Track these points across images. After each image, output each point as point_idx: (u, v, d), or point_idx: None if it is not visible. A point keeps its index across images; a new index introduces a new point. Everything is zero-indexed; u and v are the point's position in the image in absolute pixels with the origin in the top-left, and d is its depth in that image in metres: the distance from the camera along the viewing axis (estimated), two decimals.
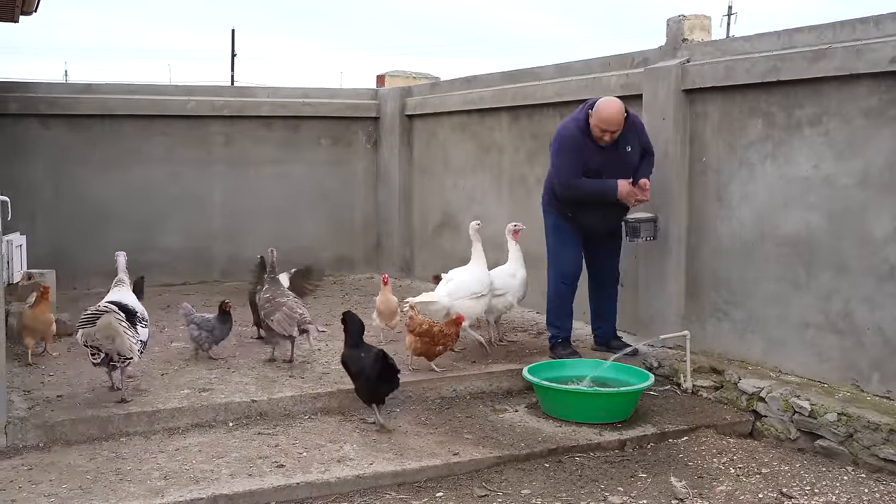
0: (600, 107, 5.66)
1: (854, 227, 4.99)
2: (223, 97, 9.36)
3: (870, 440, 4.54)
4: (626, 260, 6.26)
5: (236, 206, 9.25)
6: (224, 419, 4.96)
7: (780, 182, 5.41)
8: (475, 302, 5.93)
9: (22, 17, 7.94)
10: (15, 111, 8.46)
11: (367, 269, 9.74)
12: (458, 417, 5.16)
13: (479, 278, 6.00)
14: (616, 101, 5.71)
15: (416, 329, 5.52)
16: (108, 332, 4.78)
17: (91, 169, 8.72)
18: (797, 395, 4.97)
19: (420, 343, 5.52)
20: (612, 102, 5.68)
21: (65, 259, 8.22)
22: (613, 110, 5.63)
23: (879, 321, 4.87)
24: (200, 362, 5.86)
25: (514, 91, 7.74)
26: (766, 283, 5.51)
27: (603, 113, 5.62)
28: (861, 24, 4.95)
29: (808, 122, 5.24)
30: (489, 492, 4.24)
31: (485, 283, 5.98)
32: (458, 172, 8.71)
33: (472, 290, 5.95)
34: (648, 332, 6.09)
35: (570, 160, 5.77)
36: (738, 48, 5.72)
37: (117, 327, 4.80)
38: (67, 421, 4.68)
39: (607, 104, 5.66)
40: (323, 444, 4.64)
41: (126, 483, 4.10)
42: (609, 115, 5.61)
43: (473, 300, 5.93)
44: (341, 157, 9.70)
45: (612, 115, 5.61)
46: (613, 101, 5.69)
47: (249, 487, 4.07)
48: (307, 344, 5.84)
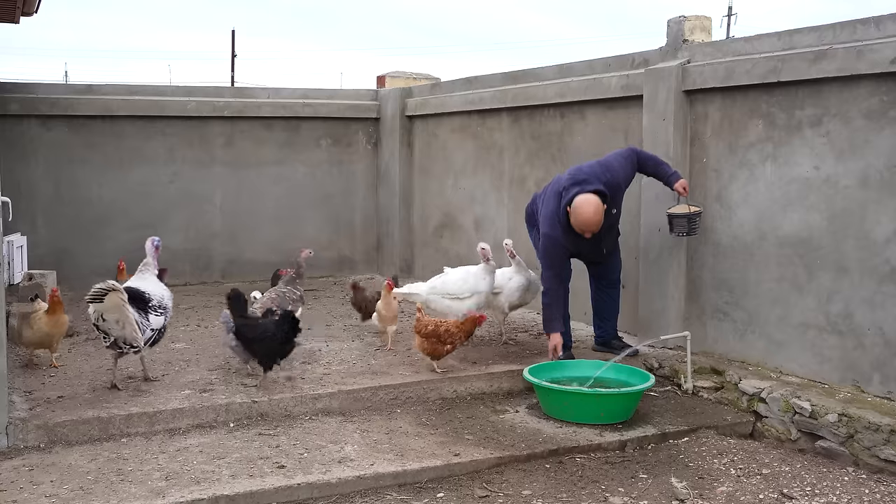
0: (578, 211, 5.47)
1: (855, 228, 4.99)
2: (223, 98, 9.37)
3: (870, 441, 4.54)
4: (627, 260, 6.26)
5: (236, 206, 9.25)
6: (225, 420, 4.96)
7: (780, 183, 5.41)
8: (450, 302, 5.94)
9: (22, 18, 7.96)
10: (16, 112, 8.47)
11: (368, 269, 9.74)
12: (459, 418, 5.17)
13: (457, 282, 6.01)
14: (592, 202, 5.45)
15: (422, 330, 5.53)
16: (114, 315, 4.83)
17: (91, 170, 8.73)
18: (798, 395, 4.97)
19: (427, 343, 5.53)
20: (588, 206, 5.44)
21: (65, 260, 8.24)
22: (590, 213, 5.44)
23: (880, 322, 4.87)
24: (201, 364, 5.86)
25: (515, 92, 7.74)
26: (766, 283, 5.51)
27: (581, 217, 5.47)
28: (861, 25, 4.95)
29: (808, 123, 5.24)
30: (490, 492, 4.24)
31: (463, 289, 5.96)
32: (458, 173, 8.72)
33: (447, 291, 5.98)
34: (649, 332, 6.09)
35: (557, 257, 5.77)
36: (738, 49, 5.72)
37: (123, 310, 4.83)
38: (68, 422, 4.68)
39: (584, 209, 5.44)
40: (324, 445, 4.64)
41: (127, 484, 4.10)
42: (587, 220, 5.47)
43: (449, 300, 5.94)
44: (342, 158, 9.70)
45: (590, 218, 5.46)
46: (590, 205, 5.45)
47: (250, 488, 4.07)
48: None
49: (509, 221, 7.87)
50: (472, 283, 6.00)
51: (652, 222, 6.10)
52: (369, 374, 5.62)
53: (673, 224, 5.74)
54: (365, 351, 6.23)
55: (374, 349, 6.27)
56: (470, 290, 5.98)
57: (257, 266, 8.99)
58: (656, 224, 6.08)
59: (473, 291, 5.98)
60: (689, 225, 5.69)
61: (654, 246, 6.14)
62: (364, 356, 6.08)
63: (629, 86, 6.42)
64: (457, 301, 5.98)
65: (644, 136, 6.23)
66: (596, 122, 6.89)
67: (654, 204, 6.09)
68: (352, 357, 6.05)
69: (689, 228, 5.71)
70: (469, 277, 6.04)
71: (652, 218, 6.09)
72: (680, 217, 5.70)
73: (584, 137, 7.01)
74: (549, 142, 7.39)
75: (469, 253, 8.40)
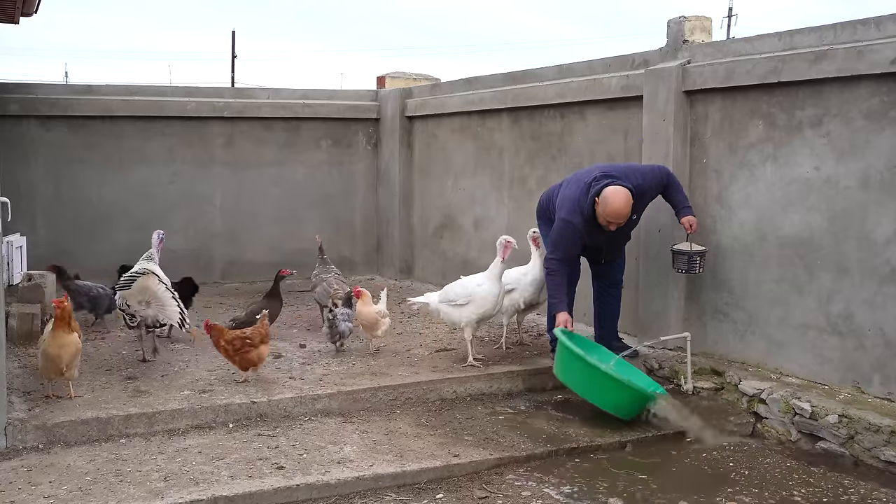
0: (608, 200, 5.40)
1: (855, 229, 4.99)
2: (223, 98, 9.37)
3: (871, 442, 4.53)
4: (628, 261, 6.24)
5: (236, 207, 9.25)
6: (224, 420, 4.95)
7: (780, 183, 5.40)
8: (452, 309, 5.89)
9: (22, 18, 7.95)
10: (15, 112, 8.47)
11: (368, 270, 9.74)
12: (459, 419, 5.16)
13: (457, 289, 5.95)
14: (623, 193, 5.42)
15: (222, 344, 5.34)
16: (142, 296, 5.00)
17: (91, 170, 8.73)
18: (798, 396, 4.96)
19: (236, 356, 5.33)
20: (620, 196, 5.40)
21: (65, 260, 8.17)
22: (621, 204, 5.39)
23: (881, 323, 4.86)
24: (200, 365, 5.85)
25: (515, 92, 7.73)
26: (766, 284, 5.50)
27: (610, 207, 5.40)
28: (862, 26, 4.94)
29: (809, 124, 5.23)
30: (489, 493, 4.23)
31: (462, 295, 5.86)
32: (458, 174, 8.71)
33: (448, 298, 5.93)
34: (649, 333, 6.08)
35: (570, 246, 5.66)
36: (738, 49, 5.72)
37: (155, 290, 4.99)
38: (67, 422, 4.67)
39: (615, 198, 5.40)
40: (323, 446, 4.63)
41: (126, 484, 4.09)
42: (617, 210, 5.40)
43: (451, 307, 5.89)
44: (342, 159, 9.70)
45: (620, 209, 5.40)
46: (621, 195, 5.41)
47: (249, 489, 4.07)
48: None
49: (509, 222, 7.86)
50: (470, 289, 5.91)
51: (652, 223, 6.09)
52: (369, 375, 5.61)
53: (674, 260, 5.74)
54: (364, 352, 6.22)
55: (373, 350, 6.26)
56: (466, 297, 5.87)
57: (257, 266, 8.99)
58: (656, 225, 6.07)
59: (469, 298, 5.86)
60: (688, 263, 5.68)
61: (655, 246, 6.13)
62: (363, 357, 6.07)
63: (629, 86, 6.41)
64: (456, 308, 5.90)
65: (644, 136, 6.23)
66: (596, 122, 6.88)
67: (654, 204, 6.07)
68: (351, 358, 6.05)
69: (689, 266, 5.69)
70: (467, 284, 5.96)
71: (652, 219, 6.08)
72: (681, 254, 5.70)
73: (584, 138, 7.00)
74: (550, 142, 7.38)
75: (469, 253, 8.41)
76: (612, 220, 5.46)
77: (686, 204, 5.69)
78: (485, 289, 5.80)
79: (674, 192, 5.72)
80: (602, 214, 5.47)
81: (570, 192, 5.65)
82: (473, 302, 5.80)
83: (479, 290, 5.81)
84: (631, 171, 5.66)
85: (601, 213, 5.47)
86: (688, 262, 5.66)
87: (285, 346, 6.32)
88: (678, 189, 5.73)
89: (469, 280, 5.98)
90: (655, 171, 5.73)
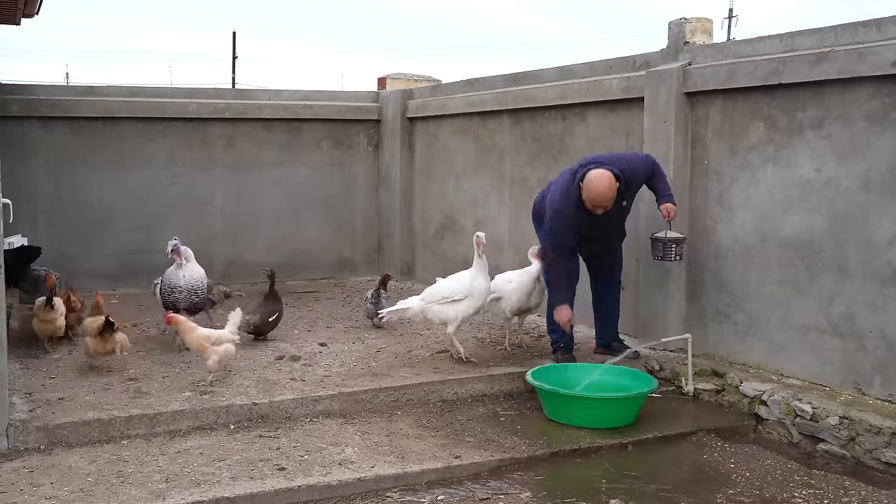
0: (592, 183, 5.43)
1: (856, 231, 4.99)
2: (224, 100, 9.37)
3: (872, 444, 4.53)
4: (628, 262, 6.25)
5: (237, 208, 9.25)
6: (225, 422, 4.95)
7: (781, 185, 5.41)
8: (445, 306, 5.89)
9: (24, 19, 7.96)
10: (16, 113, 8.46)
11: (369, 271, 9.73)
12: (460, 420, 5.16)
13: (451, 284, 5.95)
14: (606, 176, 5.44)
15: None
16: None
17: (92, 171, 8.72)
18: (799, 398, 4.96)
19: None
20: (602, 179, 5.43)
21: (66, 261, 8.21)
22: (605, 187, 5.42)
23: (882, 324, 4.86)
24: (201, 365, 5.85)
25: (516, 94, 7.74)
26: (767, 286, 5.50)
27: (595, 191, 5.43)
28: (863, 27, 4.95)
29: (809, 125, 5.24)
30: (490, 494, 4.23)
31: (457, 290, 5.87)
32: (459, 175, 8.71)
33: (442, 295, 5.92)
34: (650, 334, 6.08)
35: (564, 236, 5.71)
36: (739, 51, 5.72)
37: None
38: (69, 423, 4.67)
39: (598, 182, 5.43)
40: (324, 447, 4.63)
41: (127, 486, 4.09)
42: (601, 193, 5.43)
43: (444, 304, 5.89)
44: (342, 160, 9.70)
45: (604, 192, 5.43)
46: (603, 178, 5.43)
47: (250, 490, 4.07)
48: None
49: (510, 223, 7.86)
50: (467, 283, 5.93)
51: (652, 224, 6.09)
52: (370, 376, 5.61)
53: (653, 247, 5.79)
54: (366, 353, 6.22)
55: (374, 351, 6.27)
56: (465, 292, 5.89)
57: (258, 267, 8.94)
58: (657, 226, 6.07)
59: (468, 293, 5.89)
60: (664, 250, 5.71)
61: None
62: (364, 358, 6.07)
63: (630, 88, 6.42)
64: (450, 305, 5.89)
65: (645, 137, 6.23)
66: (597, 123, 6.88)
67: (654, 204, 6.08)
68: (352, 359, 6.05)
69: (665, 254, 5.71)
70: (463, 279, 5.97)
71: (653, 219, 6.08)
72: (656, 241, 5.74)
73: (585, 139, 7.00)
74: (550, 143, 7.39)
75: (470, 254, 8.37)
76: (597, 203, 5.50)
77: (668, 192, 5.74)
78: (480, 283, 5.88)
79: (657, 180, 5.78)
80: (587, 199, 5.51)
81: (558, 184, 5.77)
82: (471, 297, 5.84)
83: (477, 283, 5.87)
84: (617, 159, 5.72)
85: (586, 197, 5.51)
86: (663, 249, 5.71)
87: (286, 347, 6.32)
88: (661, 178, 5.79)
89: (463, 276, 6.00)
90: (641, 159, 5.80)
